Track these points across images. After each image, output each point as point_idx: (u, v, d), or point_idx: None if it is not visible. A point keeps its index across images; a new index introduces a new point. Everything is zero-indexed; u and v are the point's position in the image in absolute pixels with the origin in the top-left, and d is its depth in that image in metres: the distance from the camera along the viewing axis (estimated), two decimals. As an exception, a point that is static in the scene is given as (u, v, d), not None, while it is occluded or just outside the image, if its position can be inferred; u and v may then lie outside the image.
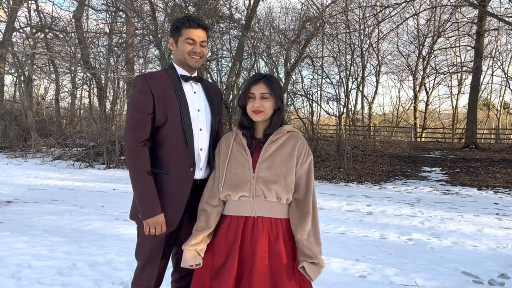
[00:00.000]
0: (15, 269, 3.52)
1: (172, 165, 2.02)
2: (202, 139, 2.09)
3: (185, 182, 2.03)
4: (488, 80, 25.56)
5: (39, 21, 15.77)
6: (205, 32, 2.09)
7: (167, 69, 2.13)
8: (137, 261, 2.13)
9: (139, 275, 2.10)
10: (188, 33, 2.04)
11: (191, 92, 2.11)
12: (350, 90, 17.54)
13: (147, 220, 1.96)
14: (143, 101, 1.98)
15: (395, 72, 26.56)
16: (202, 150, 2.09)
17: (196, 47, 2.05)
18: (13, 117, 16.61)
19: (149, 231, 1.97)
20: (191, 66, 2.08)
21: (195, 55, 2.06)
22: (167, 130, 2.01)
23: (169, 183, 2.02)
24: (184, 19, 2.07)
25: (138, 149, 1.96)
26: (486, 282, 3.56)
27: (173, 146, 2.02)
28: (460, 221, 5.91)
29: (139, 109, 1.98)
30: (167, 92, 2.03)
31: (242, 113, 2.01)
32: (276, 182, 1.89)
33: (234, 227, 1.93)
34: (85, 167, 12.22)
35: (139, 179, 1.96)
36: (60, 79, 20.21)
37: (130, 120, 1.99)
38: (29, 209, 6.18)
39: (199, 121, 2.08)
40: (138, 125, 1.97)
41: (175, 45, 2.09)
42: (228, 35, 15.81)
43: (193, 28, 2.04)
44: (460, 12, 19.39)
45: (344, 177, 10.81)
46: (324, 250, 4.55)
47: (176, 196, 2.02)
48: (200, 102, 2.12)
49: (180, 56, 2.07)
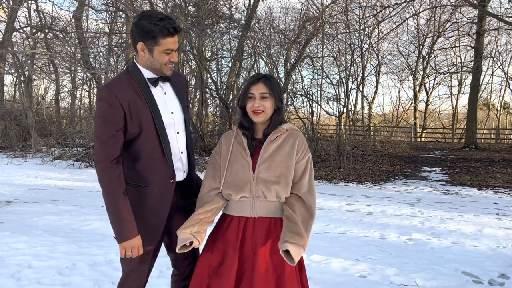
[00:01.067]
0: (15, 269, 3.52)
1: (151, 178, 1.91)
2: (181, 142, 2.01)
3: (166, 195, 1.93)
4: (488, 80, 25.58)
5: (39, 21, 15.78)
6: (177, 37, 1.91)
7: (130, 71, 1.93)
8: (122, 267, 2.07)
9: (125, 279, 2.07)
10: (166, 44, 1.84)
11: (161, 94, 1.96)
12: (350, 90, 17.54)
13: (122, 244, 1.86)
14: (113, 115, 1.82)
15: (395, 72, 26.59)
16: (183, 153, 2.02)
17: (173, 57, 1.89)
18: (13, 117, 16.60)
19: (125, 254, 1.88)
20: (164, 73, 1.92)
21: (171, 64, 1.91)
22: (142, 141, 1.88)
23: (149, 197, 1.92)
24: (158, 24, 1.81)
25: (112, 167, 1.82)
26: (486, 282, 3.56)
27: (150, 158, 1.90)
28: (460, 221, 5.91)
29: (109, 124, 1.82)
30: (136, 101, 1.86)
31: (241, 113, 1.99)
32: (276, 182, 1.89)
33: (234, 227, 1.93)
34: (85, 167, 12.22)
35: (114, 201, 1.84)
36: (60, 79, 20.22)
37: (100, 137, 1.83)
38: (29, 209, 6.18)
39: (175, 125, 1.97)
40: (110, 141, 1.82)
41: (149, 52, 1.87)
42: (228, 35, 15.82)
43: (170, 37, 1.84)
44: (460, 12, 19.40)
45: (344, 177, 10.81)
46: (324, 250, 4.54)
47: (158, 209, 1.93)
48: (172, 102, 1.99)
49: (156, 65, 1.89)
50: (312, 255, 4.08)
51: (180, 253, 1.97)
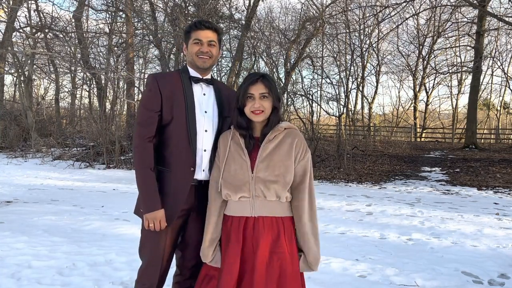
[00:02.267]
0: (15, 269, 3.52)
1: (174, 164, 2.07)
2: (206, 140, 2.11)
3: (185, 181, 2.06)
4: (488, 80, 25.58)
5: (39, 21, 15.78)
6: (214, 33, 2.14)
7: (180, 70, 2.20)
8: (141, 259, 2.16)
9: (142, 273, 2.12)
10: (195, 35, 2.11)
11: (200, 94, 2.15)
12: (350, 90, 17.55)
13: (146, 215, 2.01)
14: (152, 99, 2.06)
15: (395, 72, 26.59)
16: (205, 151, 2.10)
17: (203, 47, 2.10)
18: (13, 117, 16.60)
19: (148, 225, 2.02)
20: (198, 66, 2.12)
21: (203, 55, 2.10)
22: (172, 129, 2.07)
23: (170, 181, 2.07)
24: (193, 22, 2.16)
25: (144, 145, 2.03)
26: (486, 282, 3.56)
27: (176, 145, 2.07)
28: (460, 221, 5.91)
29: (147, 107, 2.06)
30: (175, 92, 2.09)
31: (238, 113, 1.99)
32: (275, 181, 1.88)
33: (235, 228, 1.93)
34: (85, 167, 12.22)
35: (142, 174, 2.03)
36: (60, 79, 20.22)
37: (139, 117, 2.08)
38: (29, 209, 6.18)
39: (205, 123, 2.11)
40: (145, 122, 2.05)
41: (187, 48, 2.16)
42: (228, 35, 15.82)
43: (200, 30, 2.10)
44: (460, 12, 19.40)
45: (344, 177, 10.81)
46: (324, 250, 4.55)
47: (175, 193, 2.06)
48: (209, 104, 2.15)
49: (189, 57, 2.14)
50: (312, 255, 4.08)
51: (188, 252, 2.13)
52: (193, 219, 2.13)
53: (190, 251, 2.16)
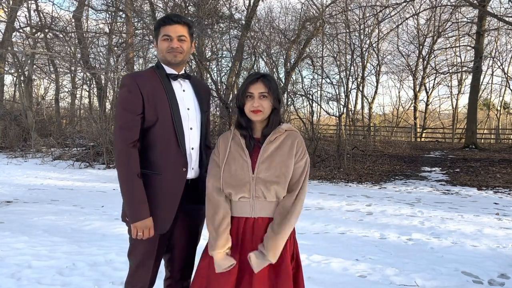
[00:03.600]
0: (15, 269, 3.52)
1: (164, 166, 1.99)
2: (193, 138, 2.07)
3: (178, 183, 2.00)
4: (488, 80, 25.60)
5: (39, 21, 15.75)
6: (185, 27, 2.04)
7: (154, 68, 2.09)
8: (130, 261, 2.10)
9: (133, 275, 2.08)
10: (164, 31, 2.01)
11: (180, 91, 2.08)
12: (350, 90, 17.54)
13: (135, 224, 1.94)
14: (133, 101, 1.95)
15: (395, 72, 26.60)
16: (193, 149, 2.07)
17: (173, 43, 2.01)
18: (13, 117, 16.60)
19: (136, 234, 1.94)
20: (169, 61, 2.03)
21: (173, 51, 2.01)
22: (157, 130, 1.98)
23: (161, 184, 1.99)
24: (162, 18, 2.06)
25: (129, 150, 1.92)
26: (486, 282, 3.56)
27: (165, 147, 1.99)
28: (460, 221, 5.91)
29: (128, 109, 1.94)
30: (156, 91, 2.00)
31: (239, 113, 1.99)
32: (276, 182, 1.88)
33: (234, 228, 1.93)
34: (85, 167, 12.22)
35: (128, 182, 1.93)
36: (60, 79, 20.21)
37: (119, 120, 1.95)
38: (29, 209, 6.18)
39: (190, 120, 2.06)
40: (127, 125, 1.93)
41: (157, 45, 2.07)
42: (228, 35, 15.82)
43: (169, 25, 2.01)
44: (460, 12, 19.40)
45: (344, 177, 10.81)
46: (324, 250, 4.53)
47: (169, 197, 1.99)
48: (190, 100, 2.10)
49: (160, 55, 2.05)
50: (312, 255, 4.08)
51: (176, 254, 2.09)
52: (181, 220, 2.07)
53: (178, 252, 2.12)
